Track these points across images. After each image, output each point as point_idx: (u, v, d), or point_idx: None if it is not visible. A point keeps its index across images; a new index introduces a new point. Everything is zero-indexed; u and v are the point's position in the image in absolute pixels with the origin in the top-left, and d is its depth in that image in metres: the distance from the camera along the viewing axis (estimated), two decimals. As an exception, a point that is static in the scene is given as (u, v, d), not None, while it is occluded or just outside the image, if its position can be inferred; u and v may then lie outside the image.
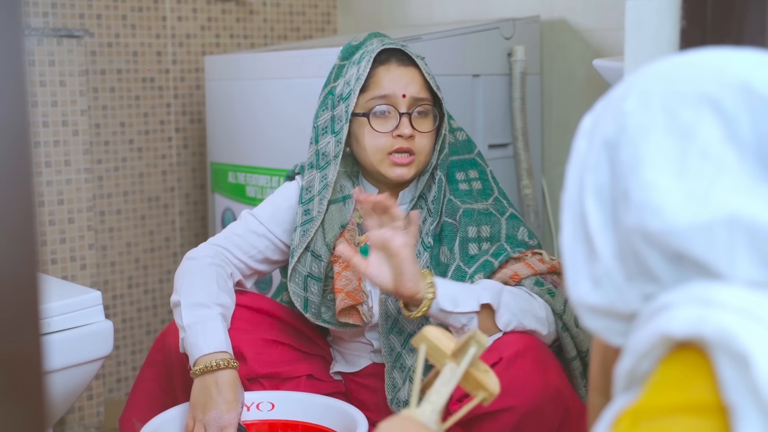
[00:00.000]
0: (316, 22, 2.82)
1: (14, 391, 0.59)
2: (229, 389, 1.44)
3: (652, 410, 0.60)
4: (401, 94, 1.54)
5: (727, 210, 0.62)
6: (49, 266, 2.19)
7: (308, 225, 1.58)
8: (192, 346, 1.48)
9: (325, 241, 1.58)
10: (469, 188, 1.60)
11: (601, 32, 2.20)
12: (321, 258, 1.58)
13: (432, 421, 0.93)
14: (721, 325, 0.59)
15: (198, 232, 2.63)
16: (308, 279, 1.58)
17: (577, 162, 0.73)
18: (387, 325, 1.56)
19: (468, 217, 1.56)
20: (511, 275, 1.50)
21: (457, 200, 1.58)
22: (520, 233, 1.58)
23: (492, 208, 1.58)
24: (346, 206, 1.61)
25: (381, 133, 1.54)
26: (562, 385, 1.39)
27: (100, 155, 2.43)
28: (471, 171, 1.63)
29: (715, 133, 0.65)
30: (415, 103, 1.55)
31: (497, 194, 1.62)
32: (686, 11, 1.15)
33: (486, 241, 1.55)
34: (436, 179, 1.58)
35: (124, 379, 2.53)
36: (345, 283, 1.55)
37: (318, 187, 1.60)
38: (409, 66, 1.57)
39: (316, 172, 1.61)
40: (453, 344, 1.02)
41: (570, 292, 0.72)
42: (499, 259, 1.52)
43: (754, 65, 0.67)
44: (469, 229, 1.55)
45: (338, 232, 1.59)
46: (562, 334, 1.51)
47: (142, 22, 2.47)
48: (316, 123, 1.62)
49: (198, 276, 1.56)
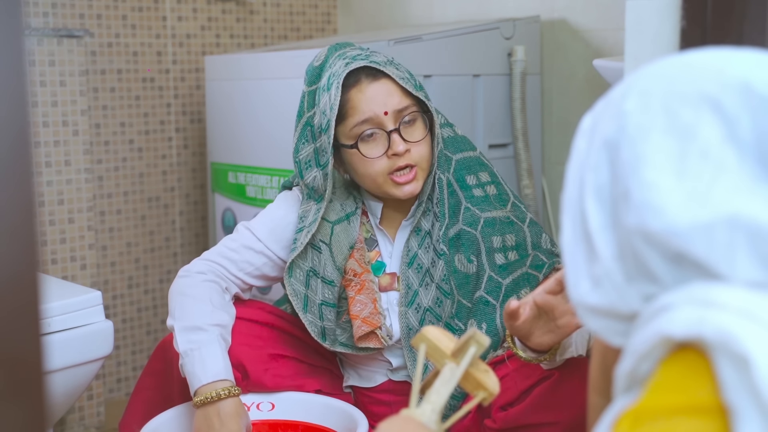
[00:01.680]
0: (317, 22, 2.82)
1: (14, 391, 0.59)
2: (231, 419, 1.40)
3: (652, 411, 0.60)
4: (382, 112, 1.47)
5: (728, 210, 0.62)
6: (49, 266, 2.19)
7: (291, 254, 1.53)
8: (191, 375, 1.43)
9: (336, 265, 1.53)
10: (484, 194, 1.55)
11: (601, 32, 2.20)
12: (333, 284, 1.53)
13: (432, 421, 0.93)
14: (722, 326, 0.59)
15: (198, 232, 2.63)
16: (322, 307, 1.53)
17: (577, 162, 0.73)
18: (407, 339, 1.52)
19: (491, 227, 1.52)
20: None
21: (475, 209, 1.53)
22: (543, 241, 1.55)
23: (512, 215, 1.55)
24: (351, 225, 1.56)
25: (375, 159, 1.48)
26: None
27: (100, 155, 2.43)
28: (482, 174, 1.58)
29: (716, 133, 0.65)
30: (399, 114, 1.47)
31: (513, 199, 1.58)
32: (686, 11, 1.15)
33: (512, 250, 1.52)
34: (435, 179, 1.53)
35: (124, 379, 2.53)
36: (360, 308, 1.51)
37: (310, 219, 1.54)
38: (381, 79, 1.48)
39: (313, 203, 1.55)
40: (453, 344, 1.02)
41: (570, 292, 0.72)
42: (542, 272, 1.50)
43: (755, 65, 0.67)
44: (493, 239, 1.51)
45: (347, 254, 1.54)
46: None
47: (143, 22, 2.47)
48: (298, 158, 1.54)
49: (190, 297, 1.50)
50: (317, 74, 1.52)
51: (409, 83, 1.49)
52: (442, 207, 1.52)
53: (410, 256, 1.53)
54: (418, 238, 1.53)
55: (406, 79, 1.50)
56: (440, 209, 1.52)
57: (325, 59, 1.53)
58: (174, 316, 1.49)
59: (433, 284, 1.51)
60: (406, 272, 1.53)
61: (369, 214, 1.59)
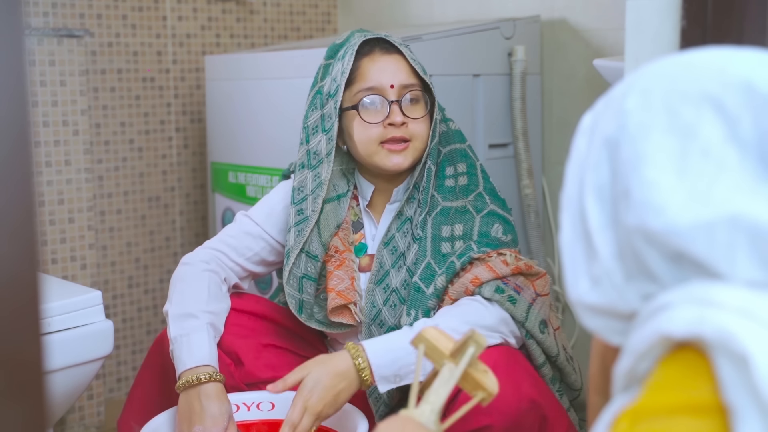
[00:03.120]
0: (317, 21, 2.82)
1: (14, 391, 0.59)
2: (213, 403, 1.42)
3: (651, 410, 0.60)
4: (389, 84, 1.53)
5: (728, 210, 0.62)
6: (49, 266, 2.19)
7: (302, 225, 1.57)
8: (177, 360, 1.46)
9: (321, 241, 1.57)
10: (454, 184, 1.58)
11: (602, 32, 2.20)
12: (317, 258, 1.57)
13: (431, 421, 0.93)
14: (721, 325, 0.59)
15: (198, 231, 2.63)
16: (303, 280, 1.57)
17: (577, 161, 0.73)
18: (370, 316, 1.55)
19: (444, 216, 1.54)
20: (471, 279, 1.48)
21: (438, 196, 1.56)
22: (494, 230, 1.54)
23: (470, 205, 1.56)
24: (341, 205, 1.60)
25: (372, 124, 1.53)
26: (537, 394, 1.38)
27: (100, 155, 2.43)
28: (460, 164, 1.60)
29: (717, 133, 0.65)
30: (404, 90, 1.54)
31: (482, 189, 1.59)
32: (686, 11, 1.15)
33: (458, 240, 1.53)
34: (426, 168, 1.56)
35: (124, 379, 2.53)
36: (337, 282, 1.54)
37: (311, 186, 1.59)
38: (394, 54, 1.56)
39: (308, 171, 1.59)
40: (451, 344, 1.02)
41: (569, 291, 0.72)
42: (461, 260, 1.49)
43: (756, 65, 0.67)
44: (442, 228, 1.54)
45: (334, 231, 1.58)
46: (527, 341, 1.49)
47: (143, 22, 2.47)
48: (306, 123, 1.61)
49: (189, 284, 1.54)
50: (336, 49, 1.60)
51: (419, 66, 1.56)
52: (426, 195, 1.55)
53: (388, 237, 1.57)
54: (399, 221, 1.57)
55: (417, 62, 1.57)
56: (424, 197, 1.55)
57: (346, 38, 1.61)
58: (171, 301, 1.54)
59: (405, 267, 1.54)
60: (381, 251, 1.57)
61: (359, 197, 1.63)
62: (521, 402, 1.34)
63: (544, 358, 1.51)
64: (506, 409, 1.33)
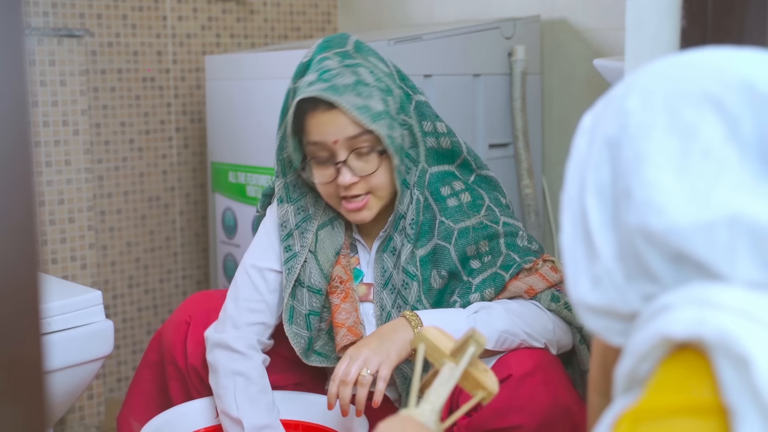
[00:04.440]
0: (317, 21, 2.82)
1: (14, 392, 0.59)
2: None
3: (652, 412, 0.60)
4: (332, 140, 1.40)
5: (729, 210, 0.62)
6: (49, 266, 2.19)
7: (292, 262, 1.50)
8: None
9: (323, 273, 1.50)
10: (458, 203, 1.50)
11: (602, 32, 2.20)
12: (320, 292, 1.50)
13: (431, 420, 0.93)
14: (721, 326, 0.59)
15: (198, 231, 2.63)
16: (310, 317, 1.50)
17: (578, 161, 0.73)
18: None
19: (464, 237, 1.47)
20: (526, 289, 1.45)
21: (449, 221, 1.48)
22: (519, 239, 1.50)
23: (486, 220, 1.49)
24: (335, 229, 1.52)
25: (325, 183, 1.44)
26: (572, 402, 1.37)
27: (100, 155, 2.43)
28: (455, 183, 1.52)
29: (717, 133, 0.65)
30: (351, 143, 1.39)
31: (488, 202, 1.52)
32: (687, 11, 1.14)
33: (487, 255, 1.48)
34: (414, 199, 1.46)
35: (124, 379, 2.53)
36: (345, 317, 1.48)
37: (293, 220, 1.52)
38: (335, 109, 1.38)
39: (288, 205, 1.53)
40: (452, 344, 1.02)
41: (570, 291, 0.72)
42: (509, 271, 1.45)
43: (757, 65, 0.67)
44: (467, 249, 1.47)
45: (333, 260, 1.51)
46: (579, 346, 1.48)
47: (143, 22, 2.47)
48: (281, 156, 1.53)
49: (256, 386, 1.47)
50: (302, 71, 1.48)
51: (366, 113, 1.38)
52: (414, 228, 1.47)
53: (386, 278, 1.50)
54: (393, 257, 1.49)
55: (364, 108, 1.38)
56: (413, 230, 1.47)
57: (311, 57, 1.48)
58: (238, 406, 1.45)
59: (407, 306, 1.47)
60: (381, 293, 1.50)
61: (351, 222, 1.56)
62: (556, 407, 1.34)
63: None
64: (541, 411, 1.33)
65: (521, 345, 1.42)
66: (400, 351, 1.35)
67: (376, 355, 1.34)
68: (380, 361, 1.33)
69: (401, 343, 1.36)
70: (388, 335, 1.36)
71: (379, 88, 1.42)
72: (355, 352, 1.35)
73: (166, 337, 1.58)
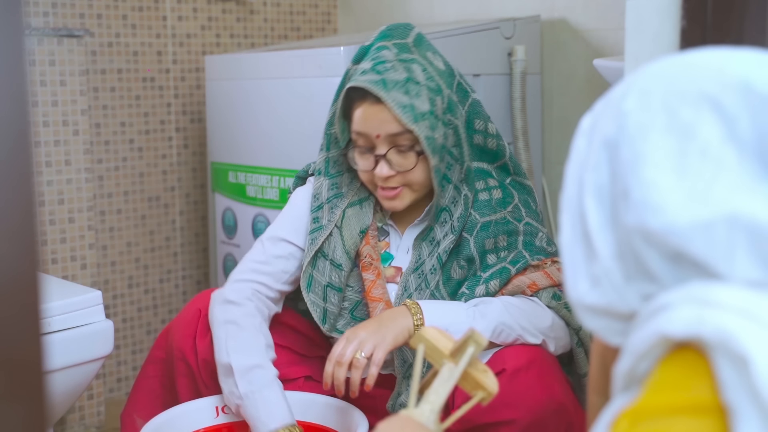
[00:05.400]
0: (317, 21, 2.82)
1: (14, 391, 0.59)
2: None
3: (651, 411, 0.60)
4: (374, 134, 1.45)
5: (727, 209, 0.62)
6: (49, 266, 2.19)
7: (317, 234, 1.54)
8: (254, 419, 1.41)
9: (345, 248, 1.53)
10: (488, 197, 1.54)
11: (602, 32, 2.20)
12: (341, 267, 1.53)
13: (431, 421, 0.93)
14: (720, 325, 0.59)
15: (198, 231, 2.63)
16: (328, 289, 1.53)
17: (577, 162, 0.73)
18: None
19: (485, 231, 1.50)
20: (529, 284, 1.47)
21: (476, 213, 1.52)
22: (538, 239, 1.53)
23: (510, 216, 1.53)
24: (363, 209, 1.56)
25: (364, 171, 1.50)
26: (567, 400, 1.37)
27: (100, 155, 2.43)
28: (490, 180, 1.56)
29: (715, 132, 0.65)
30: (392, 139, 1.44)
31: (517, 201, 1.55)
32: (686, 11, 1.15)
33: (504, 250, 1.51)
34: (462, 195, 1.51)
35: (124, 379, 2.53)
36: (381, 292, 1.51)
37: (326, 194, 1.56)
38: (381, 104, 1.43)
39: (325, 179, 1.57)
40: (451, 344, 1.02)
41: (569, 291, 0.72)
42: (516, 266, 1.47)
43: (754, 65, 0.67)
44: (486, 243, 1.50)
45: (358, 239, 1.54)
46: (576, 349, 1.49)
47: (143, 22, 2.47)
48: (330, 130, 1.57)
49: (244, 329, 1.48)
50: (363, 53, 1.53)
51: (409, 113, 1.41)
52: (461, 222, 1.50)
53: (418, 263, 1.53)
54: (431, 246, 1.52)
55: (409, 108, 1.42)
56: (459, 224, 1.50)
57: (374, 41, 1.52)
58: (229, 352, 1.46)
59: (427, 290, 1.50)
60: (409, 276, 1.53)
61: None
62: (551, 403, 1.34)
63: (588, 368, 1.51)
64: (534, 406, 1.33)
65: (517, 340, 1.42)
66: (396, 336, 1.38)
67: (372, 337, 1.36)
68: (375, 344, 1.36)
69: (399, 328, 1.38)
70: (387, 321, 1.39)
71: (429, 87, 1.45)
72: (352, 334, 1.38)
73: (176, 334, 1.58)
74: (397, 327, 1.38)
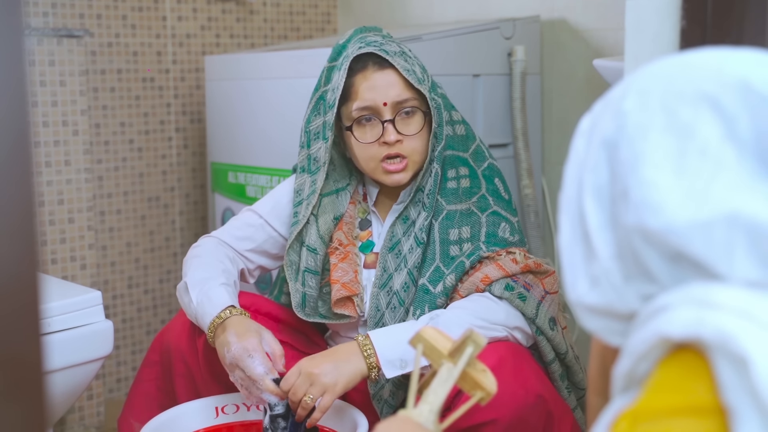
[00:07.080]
0: (317, 22, 2.82)
1: (14, 391, 0.59)
2: (238, 325, 1.43)
3: (650, 412, 0.60)
4: (381, 102, 1.51)
5: (727, 208, 0.62)
6: (49, 266, 2.19)
7: (295, 227, 1.60)
8: (202, 318, 1.49)
9: (319, 234, 1.59)
10: (456, 186, 1.58)
11: (601, 32, 2.20)
12: (316, 251, 1.58)
13: (429, 421, 0.93)
14: (720, 326, 0.59)
15: (198, 232, 2.63)
16: (306, 274, 1.59)
17: (576, 162, 0.73)
18: (374, 320, 1.56)
19: (450, 220, 1.55)
20: (482, 278, 1.49)
21: (442, 200, 1.56)
22: (501, 229, 1.55)
23: (474, 206, 1.56)
24: (339, 199, 1.62)
25: (368, 144, 1.53)
26: (543, 389, 1.39)
27: (100, 155, 2.43)
28: (462, 168, 1.60)
29: (714, 132, 0.65)
30: (398, 106, 1.52)
31: (484, 191, 1.59)
32: (686, 11, 1.15)
33: (466, 242, 1.53)
34: (433, 172, 1.56)
35: (124, 379, 2.53)
36: (341, 274, 1.56)
37: (307, 191, 1.61)
38: (387, 68, 1.52)
39: (307, 176, 1.62)
40: (450, 344, 1.02)
41: (568, 291, 0.72)
42: (471, 259, 1.51)
43: (753, 64, 0.67)
44: (450, 232, 1.54)
45: (332, 225, 1.60)
46: (537, 338, 1.50)
47: (142, 22, 2.47)
48: (308, 128, 1.62)
49: (203, 258, 1.59)
50: (338, 52, 1.59)
51: (413, 76, 1.52)
52: (431, 198, 1.55)
53: (393, 242, 1.58)
54: (404, 225, 1.57)
55: (412, 72, 1.53)
56: (430, 200, 1.55)
57: (348, 39, 1.59)
58: (186, 274, 1.57)
59: (405, 269, 1.54)
60: (386, 256, 1.57)
61: (368, 196, 1.65)
62: (528, 397, 1.35)
63: (553, 355, 1.52)
64: (513, 403, 1.34)
65: None
66: (348, 383, 1.40)
67: (323, 379, 1.38)
68: (325, 388, 1.38)
69: (352, 373, 1.40)
70: (342, 362, 1.40)
71: (418, 64, 1.57)
72: (306, 369, 1.39)
73: (172, 335, 1.58)
74: (349, 370, 1.40)
